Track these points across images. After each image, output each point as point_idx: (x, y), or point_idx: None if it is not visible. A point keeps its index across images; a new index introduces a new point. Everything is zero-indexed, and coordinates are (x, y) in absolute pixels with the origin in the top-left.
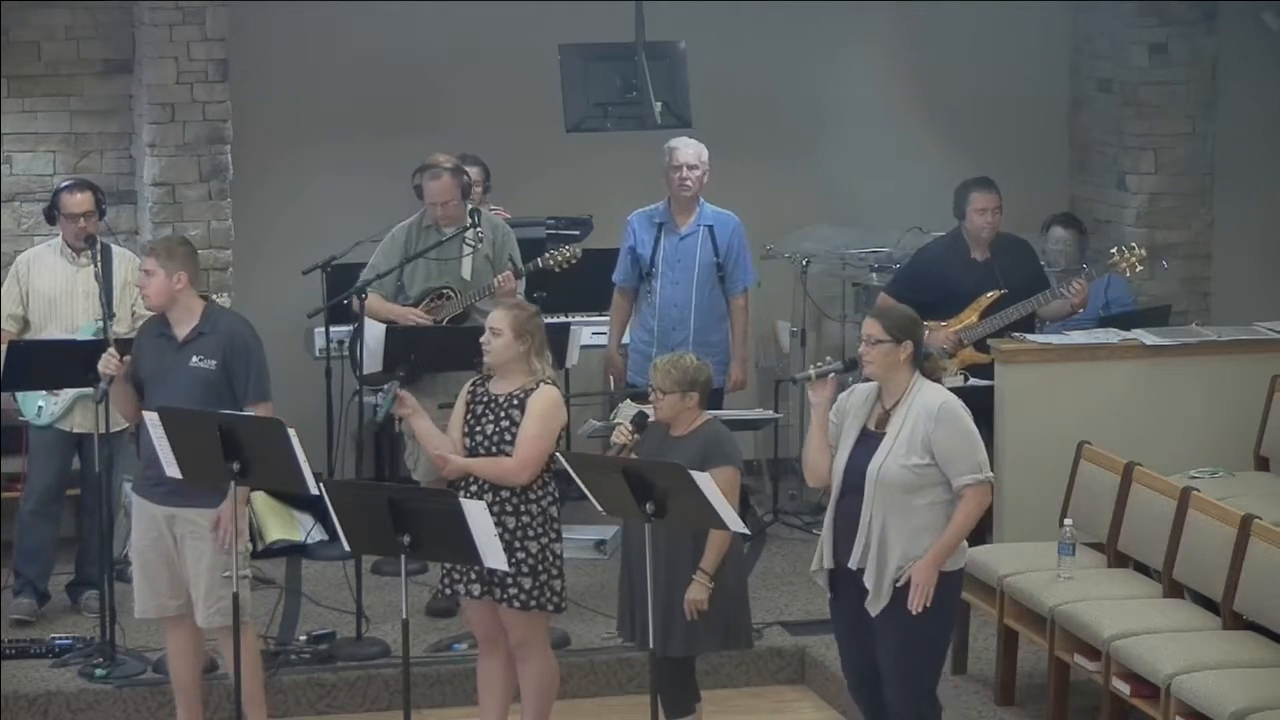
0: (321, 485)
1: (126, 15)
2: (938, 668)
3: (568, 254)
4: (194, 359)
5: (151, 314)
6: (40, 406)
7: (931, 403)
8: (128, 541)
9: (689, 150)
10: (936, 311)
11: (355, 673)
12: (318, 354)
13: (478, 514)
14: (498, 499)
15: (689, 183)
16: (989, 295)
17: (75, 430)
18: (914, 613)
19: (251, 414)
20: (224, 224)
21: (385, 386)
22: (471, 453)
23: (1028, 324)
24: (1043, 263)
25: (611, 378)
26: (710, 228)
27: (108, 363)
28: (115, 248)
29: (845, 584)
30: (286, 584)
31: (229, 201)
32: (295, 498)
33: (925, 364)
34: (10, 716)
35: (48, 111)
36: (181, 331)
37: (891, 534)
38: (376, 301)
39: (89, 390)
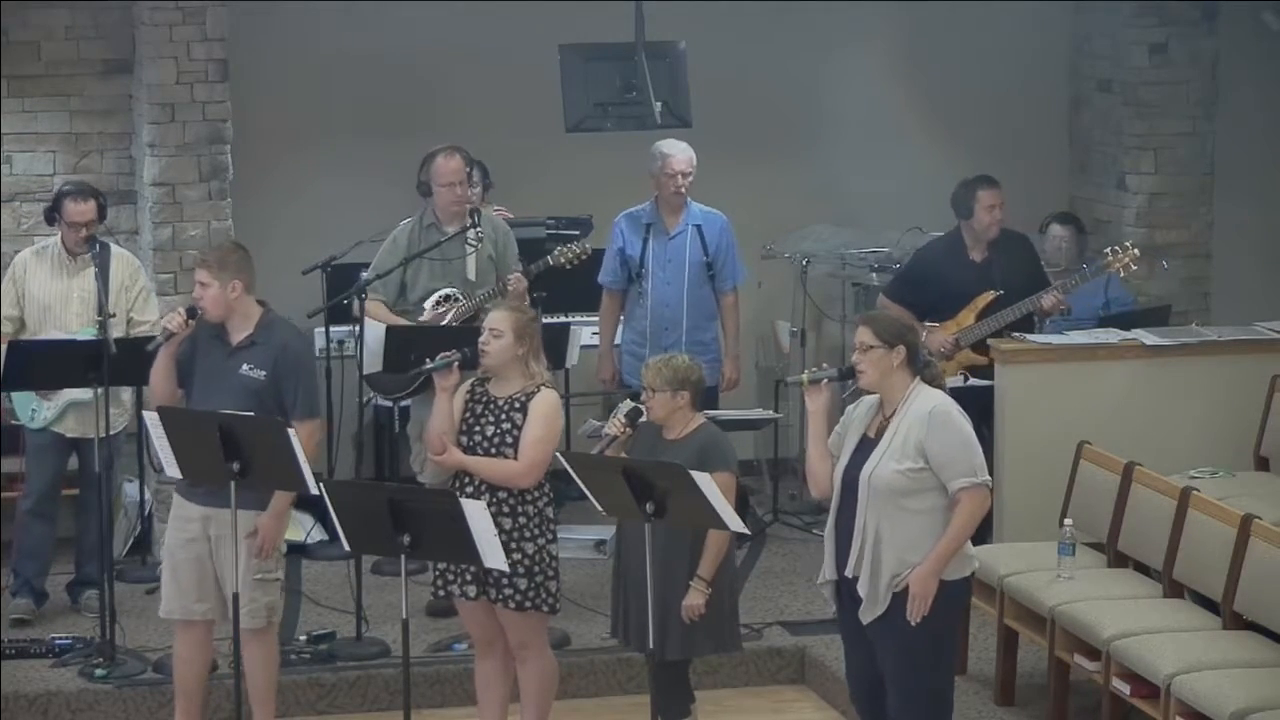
0: (321, 485)
1: (126, 15)
2: (945, 680)
3: (577, 250)
4: (244, 367)
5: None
6: (33, 410)
7: (924, 407)
8: (127, 541)
9: (682, 158)
10: (935, 312)
11: (355, 673)
12: (318, 354)
13: (478, 514)
14: (494, 500)
15: (685, 190)
16: (985, 296)
17: (69, 435)
18: (913, 623)
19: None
20: (224, 224)
21: (449, 352)
22: (469, 453)
23: (1025, 324)
24: (1042, 261)
25: (602, 380)
26: (699, 227)
27: (171, 318)
28: (115, 248)
29: (847, 594)
30: (287, 584)
31: (229, 201)
32: (295, 497)
33: (926, 371)
34: (10, 716)
35: (48, 111)
36: (235, 337)
37: (885, 540)
38: (379, 309)
39: (81, 395)
